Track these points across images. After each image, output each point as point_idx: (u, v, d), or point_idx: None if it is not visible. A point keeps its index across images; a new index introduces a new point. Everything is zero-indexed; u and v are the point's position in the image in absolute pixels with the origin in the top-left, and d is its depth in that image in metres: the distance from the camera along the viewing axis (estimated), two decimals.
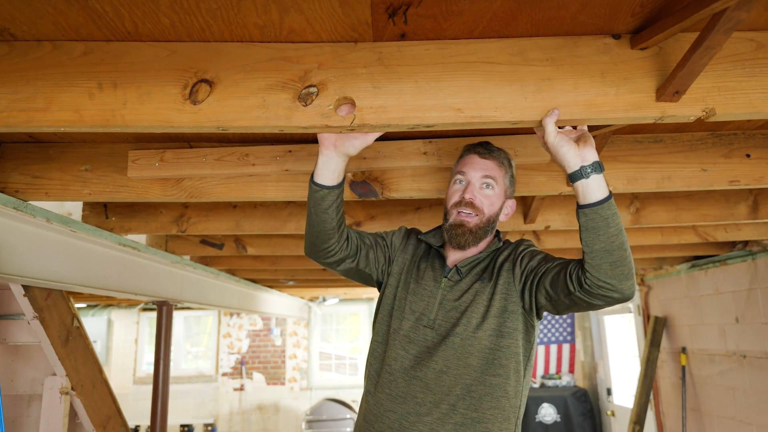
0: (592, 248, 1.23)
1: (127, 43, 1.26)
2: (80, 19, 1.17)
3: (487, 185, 1.50)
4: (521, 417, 1.46)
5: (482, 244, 1.54)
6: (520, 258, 1.46)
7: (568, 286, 1.29)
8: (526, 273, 1.43)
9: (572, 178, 1.25)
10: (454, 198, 1.50)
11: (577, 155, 1.24)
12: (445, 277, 1.50)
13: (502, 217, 1.55)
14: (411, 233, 1.67)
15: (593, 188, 1.23)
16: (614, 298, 1.26)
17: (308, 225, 1.46)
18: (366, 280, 1.62)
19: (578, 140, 1.27)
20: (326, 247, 1.46)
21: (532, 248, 1.50)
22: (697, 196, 2.53)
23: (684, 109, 1.28)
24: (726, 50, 1.29)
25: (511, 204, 1.57)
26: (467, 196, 1.47)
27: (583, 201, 1.25)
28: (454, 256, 1.54)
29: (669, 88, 1.24)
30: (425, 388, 1.38)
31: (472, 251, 1.53)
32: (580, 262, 1.29)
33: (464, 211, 1.47)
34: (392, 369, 1.43)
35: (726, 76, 1.29)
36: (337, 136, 1.34)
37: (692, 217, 2.54)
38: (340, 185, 1.39)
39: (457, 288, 1.47)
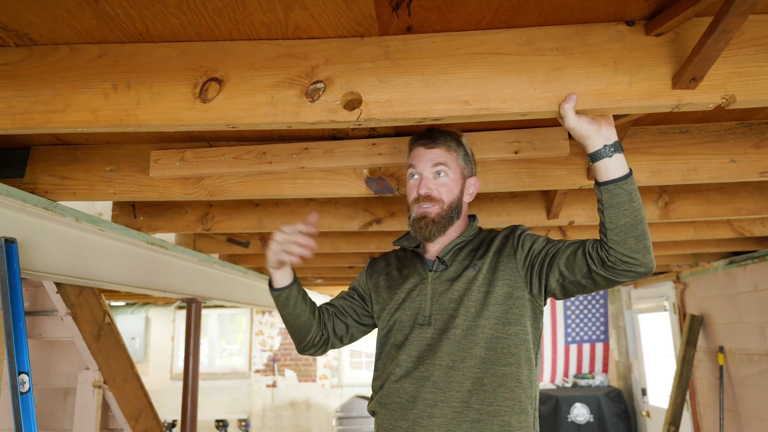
0: (617, 224, 1.22)
1: (140, 44, 1.29)
2: (93, 22, 1.21)
3: (440, 173, 1.47)
4: (537, 409, 1.41)
5: (454, 230, 1.51)
6: (520, 243, 1.43)
7: (589, 264, 1.28)
8: (531, 257, 1.40)
9: (594, 157, 1.24)
10: (412, 194, 1.49)
11: (599, 134, 1.24)
12: (431, 270, 1.47)
13: (466, 198, 1.53)
14: (374, 261, 1.67)
15: (615, 165, 1.23)
16: (639, 273, 1.25)
17: (288, 328, 1.55)
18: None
19: (598, 120, 1.26)
20: (311, 338, 1.54)
21: (528, 232, 1.48)
22: (729, 189, 2.44)
23: (702, 97, 1.23)
24: (746, 34, 1.24)
25: (473, 182, 1.54)
26: (422, 191, 1.46)
27: (605, 178, 1.23)
28: (432, 250, 1.52)
29: (685, 74, 1.20)
30: (434, 387, 1.33)
31: (447, 238, 1.50)
32: (598, 241, 1.28)
33: (424, 204, 1.46)
34: (397, 376, 1.39)
35: (747, 61, 1.24)
36: (281, 255, 1.40)
37: (725, 211, 2.45)
38: (295, 278, 1.50)
39: (446, 278, 1.44)
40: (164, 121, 1.26)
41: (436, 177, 1.47)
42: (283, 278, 1.48)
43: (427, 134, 1.51)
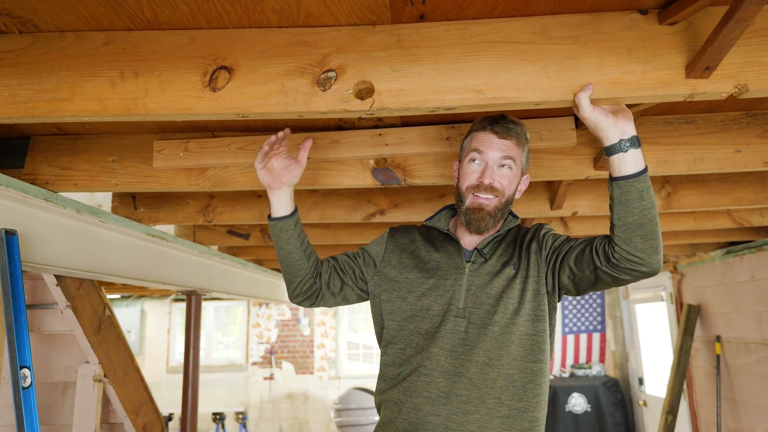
0: (624, 221, 1.21)
1: (148, 31, 1.27)
2: (101, 9, 1.18)
3: (505, 165, 1.42)
4: None
5: (497, 224, 1.48)
6: (544, 240, 1.44)
7: (594, 261, 1.28)
8: (549, 254, 1.41)
9: (609, 151, 1.23)
10: (470, 180, 1.42)
11: (615, 127, 1.22)
12: (469, 261, 1.43)
13: (517, 195, 1.50)
14: (395, 234, 1.58)
15: (630, 161, 1.21)
16: (642, 272, 1.24)
17: (281, 265, 1.50)
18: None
19: (615, 113, 1.24)
20: (301, 281, 1.47)
21: (553, 231, 1.48)
22: (731, 179, 2.45)
23: (715, 86, 1.23)
24: (759, 24, 1.24)
25: (525, 179, 1.52)
26: (486, 181, 1.40)
27: (617, 173, 1.22)
28: (469, 238, 1.48)
29: (699, 64, 1.20)
30: (469, 383, 1.30)
31: (487, 231, 1.46)
32: (607, 237, 1.28)
33: (483, 195, 1.41)
34: (428, 369, 1.33)
35: (759, 51, 1.24)
36: (280, 174, 1.43)
37: (726, 200, 2.45)
38: (295, 211, 1.47)
39: (484, 272, 1.41)
40: (173, 111, 1.24)
41: (500, 168, 1.42)
42: (280, 205, 1.45)
43: (502, 122, 1.43)
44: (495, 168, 1.42)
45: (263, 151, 1.42)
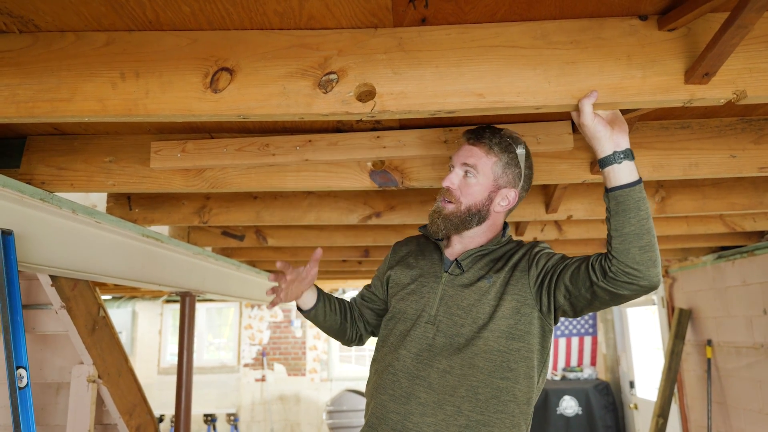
0: (621, 232, 1.19)
1: (149, 32, 1.27)
2: (102, 9, 1.18)
3: (467, 173, 1.43)
4: (530, 426, 1.41)
5: (480, 236, 1.47)
6: (536, 259, 1.40)
7: (591, 277, 1.24)
8: (543, 273, 1.36)
9: (603, 163, 1.24)
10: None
11: (610, 140, 1.23)
12: (446, 271, 1.45)
13: (497, 208, 1.45)
14: (397, 247, 1.68)
15: (624, 172, 1.22)
16: (641, 286, 1.20)
17: (326, 333, 1.70)
18: None
19: (612, 124, 1.25)
20: (349, 336, 1.68)
21: (548, 250, 1.44)
22: (725, 185, 2.47)
23: (714, 92, 1.24)
24: (758, 30, 1.25)
25: (507, 194, 1.45)
26: (444, 184, 1.44)
27: (612, 184, 1.23)
28: (453, 249, 1.49)
29: (698, 69, 1.21)
30: (428, 388, 1.33)
31: (472, 242, 1.47)
32: (603, 254, 1.25)
33: (441, 198, 1.46)
34: (395, 369, 1.39)
35: (757, 57, 1.25)
36: (299, 288, 1.54)
37: (720, 205, 2.48)
38: (320, 298, 1.61)
39: (459, 283, 1.42)
40: (174, 111, 1.24)
41: (465, 176, 1.43)
42: (308, 299, 1.59)
43: (476, 130, 1.45)
44: (460, 174, 1.44)
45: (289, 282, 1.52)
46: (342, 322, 1.64)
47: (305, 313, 1.61)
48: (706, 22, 1.25)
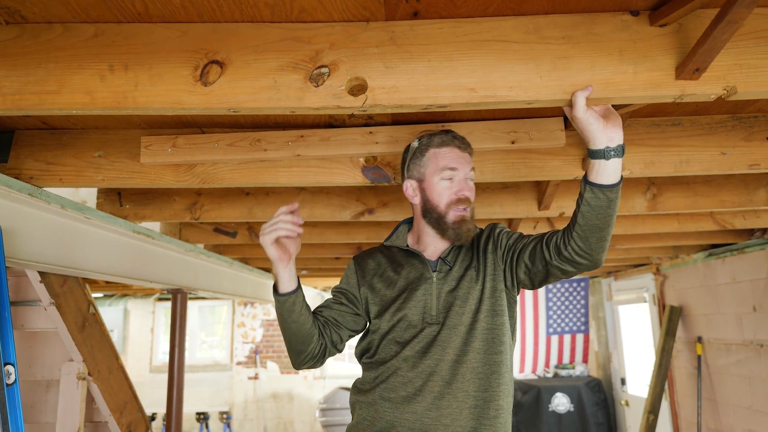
0: (588, 222, 1.28)
1: (138, 24, 1.25)
2: (91, 0, 1.16)
3: (472, 177, 1.54)
4: None
5: None
6: (499, 239, 1.52)
7: (545, 256, 1.38)
8: (506, 252, 1.49)
9: (593, 155, 1.26)
10: (448, 197, 1.49)
11: (603, 133, 1.24)
12: (435, 271, 1.52)
13: None
14: (360, 261, 1.64)
15: (610, 170, 1.25)
16: (587, 266, 1.35)
17: (289, 338, 1.50)
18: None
19: (605, 118, 1.26)
20: (312, 348, 1.51)
21: (506, 230, 1.56)
22: (715, 182, 2.48)
23: (704, 87, 1.25)
24: (748, 27, 1.26)
25: None
26: (466, 194, 1.49)
27: (594, 179, 1.26)
28: (429, 251, 1.56)
29: (689, 65, 1.21)
30: (441, 381, 1.40)
31: (445, 240, 1.55)
32: (559, 232, 1.36)
33: (462, 206, 1.49)
34: (404, 372, 1.43)
35: (748, 53, 1.25)
36: (288, 246, 1.44)
37: (710, 203, 2.49)
38: (299, 284, 1.48)
39: (450, 278, 1.50)
40: (164, 104, 1.23)
41: (468, 180, 1.53)
42: (291, 278, 1.46)
43: (460, 137, 1.54)
44: (467, 180, 1.52)
45: (278, 225, 1.39)
46: (312, 326, 1.50)
47: (284, 297, 1.44)
48: (697, 18, 1.25)
